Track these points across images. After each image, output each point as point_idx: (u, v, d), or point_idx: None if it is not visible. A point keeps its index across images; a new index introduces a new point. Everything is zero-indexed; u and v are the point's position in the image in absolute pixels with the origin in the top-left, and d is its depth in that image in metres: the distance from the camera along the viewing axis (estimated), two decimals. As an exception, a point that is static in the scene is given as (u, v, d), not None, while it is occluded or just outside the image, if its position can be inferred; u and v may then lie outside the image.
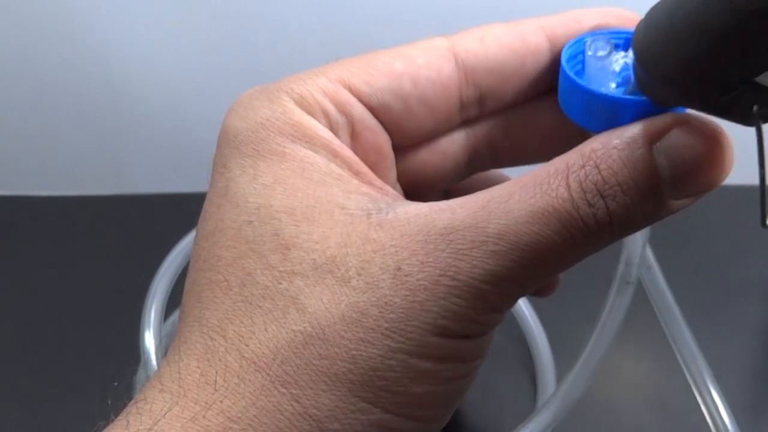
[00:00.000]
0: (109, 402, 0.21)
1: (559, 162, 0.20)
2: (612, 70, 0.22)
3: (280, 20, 0.47)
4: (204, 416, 0.19)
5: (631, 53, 0.22)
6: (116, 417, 0.20)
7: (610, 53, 0.22)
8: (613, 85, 0.22)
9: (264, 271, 0.21)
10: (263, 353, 0.20)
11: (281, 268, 0.21)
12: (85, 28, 0.48)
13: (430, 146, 0.26)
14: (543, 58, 0.24)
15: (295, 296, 0.20)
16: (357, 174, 0.23)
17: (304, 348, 0.20)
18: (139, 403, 0.20)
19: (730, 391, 0.35)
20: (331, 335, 0.20)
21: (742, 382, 0.37)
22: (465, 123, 0.26)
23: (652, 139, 0.20)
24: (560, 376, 0.39)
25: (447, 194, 0.28)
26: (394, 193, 0.23)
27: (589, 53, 0.22)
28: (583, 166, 0.20)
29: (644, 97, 0.21)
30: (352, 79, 0.23)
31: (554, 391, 0.31)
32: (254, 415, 0.19)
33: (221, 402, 0.19)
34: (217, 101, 0.50)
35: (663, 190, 0.20)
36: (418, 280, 0.20)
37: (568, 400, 0.31)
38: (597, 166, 0.20)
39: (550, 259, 0.20)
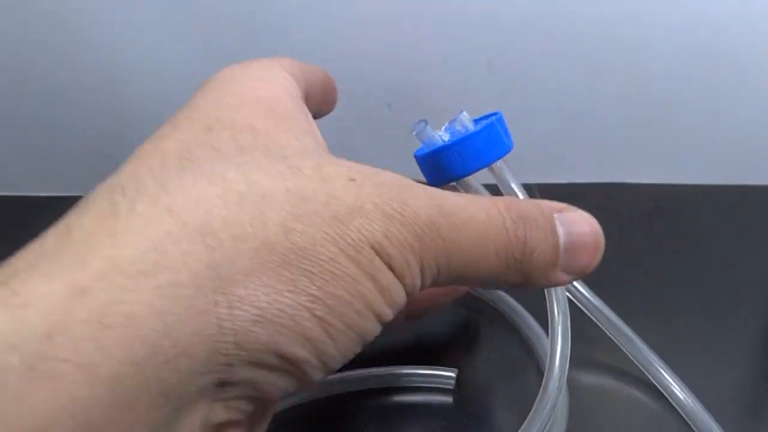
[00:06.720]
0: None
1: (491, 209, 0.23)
2: (433, 137, 0.27)
3: (281, 22, 0.47)
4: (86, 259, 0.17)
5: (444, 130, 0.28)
6: None
7: (425, 128, 0.27)
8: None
9: (209, 152, 0.21)
10: (183, 202, 0.18)
11: (228, 149, 0.21)
12: (85, 28, 0.48)
13: None
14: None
15: (239, 164, 0.20)
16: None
17: (238, 206, 0.19)
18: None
19: (730, 391, 0.35)
20: (270, 200, 0.19)
21: (743, 382, 0.37)
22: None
23: (552, 210, 0.24)
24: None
25: None
26: None
27: (414, 134, 0.27)
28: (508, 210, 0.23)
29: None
30: None
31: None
32: (154, 260, 0.17)
33: (112, 248, 0.17)
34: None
35: (559, 252, 0.23)
36: (368, 193, 0.20)
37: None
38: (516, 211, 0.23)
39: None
